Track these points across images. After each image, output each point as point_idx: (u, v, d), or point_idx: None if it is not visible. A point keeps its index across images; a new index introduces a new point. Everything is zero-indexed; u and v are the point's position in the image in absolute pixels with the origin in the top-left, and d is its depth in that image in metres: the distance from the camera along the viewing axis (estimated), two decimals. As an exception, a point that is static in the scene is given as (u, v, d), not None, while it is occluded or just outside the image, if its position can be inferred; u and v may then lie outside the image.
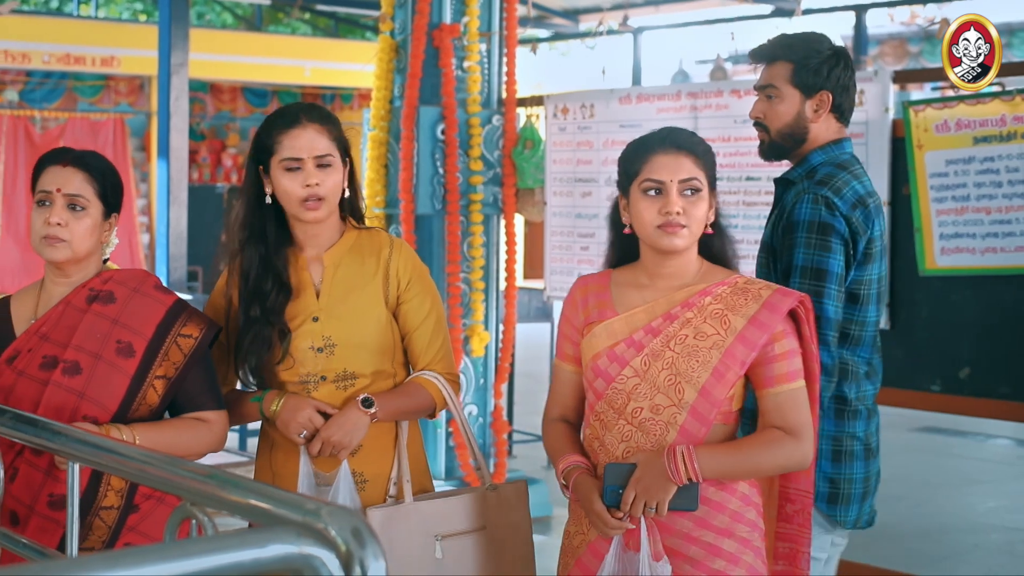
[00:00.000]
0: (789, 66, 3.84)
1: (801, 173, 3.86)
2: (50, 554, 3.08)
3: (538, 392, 10.46)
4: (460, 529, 3.59)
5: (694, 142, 3.30)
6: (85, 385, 3.33)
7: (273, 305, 3.57)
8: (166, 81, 10.33)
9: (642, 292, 3.31)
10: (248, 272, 3.61)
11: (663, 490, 3.11)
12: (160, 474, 2.53)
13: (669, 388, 3.19)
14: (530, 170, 7.73)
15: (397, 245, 3.67)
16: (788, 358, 3.16)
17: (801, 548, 3.33)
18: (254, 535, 1.67)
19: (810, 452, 3.19)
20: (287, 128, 3.52)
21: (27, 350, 3.35)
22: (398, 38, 7.73)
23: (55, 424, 2.97)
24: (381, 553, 1.69)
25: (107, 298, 3.42)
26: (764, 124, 3.87)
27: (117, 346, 3.38)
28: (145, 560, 1.57)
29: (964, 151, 5.42)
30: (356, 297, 3.60)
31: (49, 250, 3.37)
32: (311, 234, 3.63)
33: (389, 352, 3.63)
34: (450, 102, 7.56)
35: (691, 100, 6.83)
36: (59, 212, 3.36)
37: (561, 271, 7.74)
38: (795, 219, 3.74)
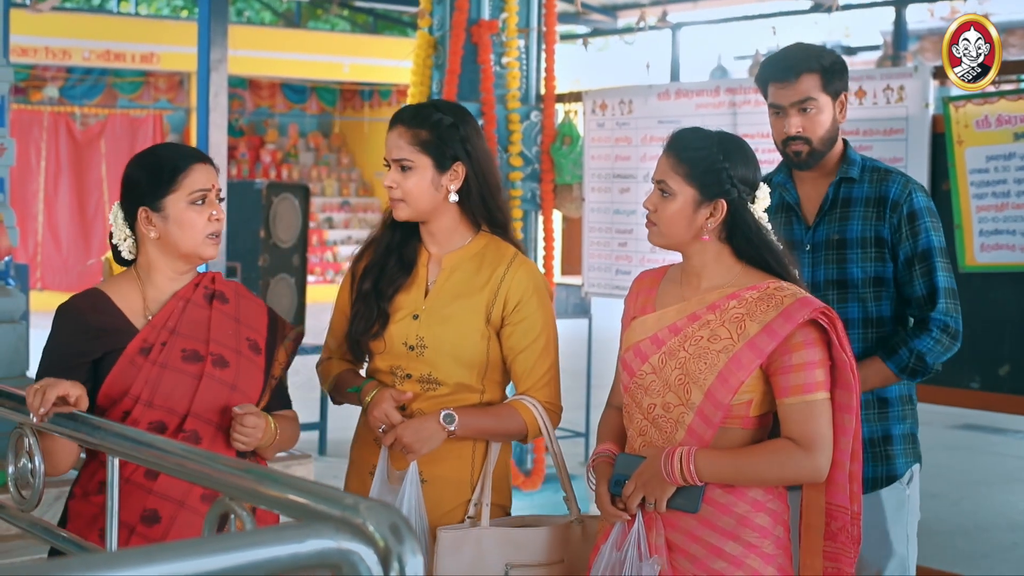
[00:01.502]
0: (817, 76, 3.91)
1: (857, 171, 3.97)
2: (90, 548, 3.09)
3: (576, 389, 10.45)
4: (534, 560, 3.52)
5: (683, 146, 3.27)
6: (235, 378, 3.37)
7: (386, 287, 3.61)
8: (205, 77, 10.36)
9: (680, 290, 3.33)
10: (378, 248, 3.68)
11: (661, 488, 3.15)
12: (199, 469, 2.54)
13: (679, 388, 3.20)
14: (568, 166, 7.73)
15: (517, 264, 3.60)
16: (806, 370, 3.12)
17: (844, 568, 3.26)
18: (292, 530, 1.68)
19: (824, 465, 3.14)
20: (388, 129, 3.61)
21: (159, 343, 3.34)
22: (436, 34, 7.74)
23: (94, 419, 2.99)
24: (419, 549, 1.69)
25: (221, 297, 3.46)
26: (804, 136, 3.91)
27: (248, 343, 3.44)
28: (183, 555, 1.58)
29: (1005, 147, 5.38)
30: (459, 305, 3.58)
31: (212, 248, 3.40)
32: (429, 232, 3.64)
33: (479, 368, 3.58)
34: (488, 98, 7.57)
35: (730, 96, 6.81)
36: (219, 207, 3.40)
37: (599, 267, 7.73)
38: (917, 207, 3.87)
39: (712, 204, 3.21)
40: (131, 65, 18.66)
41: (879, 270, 3.89)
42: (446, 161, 3.53)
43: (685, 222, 3.23)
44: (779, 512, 3.21)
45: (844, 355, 3.15)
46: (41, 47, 17.60)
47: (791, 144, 3.93)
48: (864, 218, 3.90)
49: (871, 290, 3.89)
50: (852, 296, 3.90)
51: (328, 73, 20.42)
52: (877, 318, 3.91)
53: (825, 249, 3.94)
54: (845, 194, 3.96)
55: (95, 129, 18.97)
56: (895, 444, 3.96)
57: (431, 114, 3.56)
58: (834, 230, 3.94)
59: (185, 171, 3.36)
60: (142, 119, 19.25)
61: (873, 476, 3.90)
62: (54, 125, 18.73)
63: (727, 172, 3.21)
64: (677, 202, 3.22)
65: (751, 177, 3.25)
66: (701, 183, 3.21)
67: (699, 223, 3.22)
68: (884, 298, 3.91)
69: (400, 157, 3.53)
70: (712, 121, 6.65)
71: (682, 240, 3.26)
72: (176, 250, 3.37)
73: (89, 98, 19.24)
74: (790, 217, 4.02)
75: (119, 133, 18.97)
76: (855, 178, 3.95)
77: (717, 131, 3.32)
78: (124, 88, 19.49)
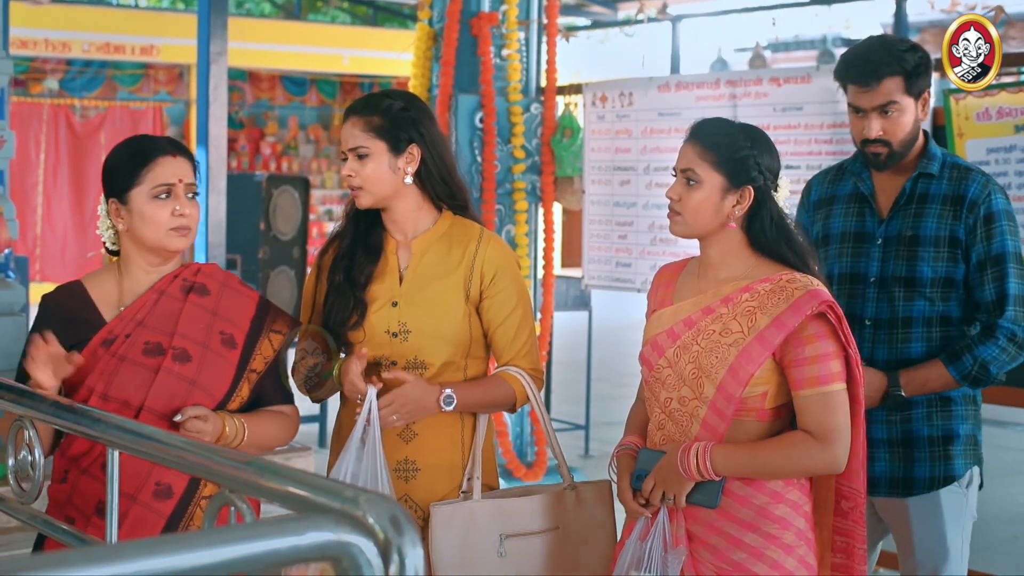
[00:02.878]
0: (900, 79, 3.83)
1: (937, 167, 3.90)
2: (90, 541, 3.09)
3: (576, 381, 10.46)
4: (530, 529, 3.57)
5: (709, 133, 3.31)
6: (196, 373, 3.35)
7: (357, 274, 3.65)
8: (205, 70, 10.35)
9: (697, 282, 3.35)
10: (343, 241, 3.73)
11: (679, 483, 3.18)
12: (199, 461, 2.53)
13: (692, 381, 3.22)
14: (569, 158, 7.73)
15: (486, 239, 3.69)
16: (821, 362, 3.14)
17: (856, 543, 3.32)
18: (292, 523, 1.67)
19: (841, 456, 3.17)
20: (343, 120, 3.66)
21: (123, 335, 3.34)
22: (436, 26, 7.73)
23: (94, 411, 2.98)
24: (419, 541, 1.69)
25: (201, 290, 3.44)
26: (885, 140, 3.85)
27: (221, 337, 3.41)
28: (183, 547, 1.58)
29: (1005, 139, 5.38)
30: (436, 286, 3.63)
31: (178, 241, 3.38)
32: (393, 219, 3.69)
33: (463, 345, 3.64)
34: (488, 90, 7.56)
35: (730, 88, 6.80)
36: (185, 202, 3.37)
37: (599, 260, 7.73)
38: (995, 209, 3.81)
39: (740, 192, 3.24)
40: (131, 57, 18.64)
41: (950, 271, 3.83)
42: (400, 144, 3.61)
43: (712, 210, 3.25)
44: (799, 503, 3.23)
45: (849, 350, 3.17)
46: (41, 39, 17.58)
47: (871, 146, 3.88)
48: (940, 216, 3.84)
49: (939, 290, 3.84)
50: (919, 295, 3.84)
51: (328, 65, 20.40)
52: (943, 318, 3.85)
53: (897, 244, 3.88)
54: (923, 190, 3.89)
55: (95, 121, 18.95)
56: (956, 444, 3.91)
57: (381, 101, 3.64)
58: (908, 226, 3.88)
59: (148, 164, 3.36)
60: (142, 111, 19.23)
61: (931, 476, 3.89)
62: (54, 118, 18.72)
63: (755, 159, 3.24)
64: (704, 190, 3.24)
65: (776, 166, 3.30)
66: (729, 170, 3.24)
67: (726, 211, 3.24)
68: (952, 299, 3.85)
69: (355, 145, 3.61)
70: (712, 113, 6.65)
71: (707, 229, 3.27)
72: (143, 243, 3.38)
73: (89, 90, 19.21)
74: (863, 208, 3.98)
75: (119, 125, 18.94)
76: (934, 174, 3.88)
77: (738, 122, 3.37)
78: (124, 80, 19.47)
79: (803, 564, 3.21)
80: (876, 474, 3.89)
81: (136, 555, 1.52)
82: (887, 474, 3.90)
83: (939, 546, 3.91)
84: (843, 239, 3.99)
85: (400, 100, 3.65)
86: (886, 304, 3.87)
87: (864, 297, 3.91)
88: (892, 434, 3.88)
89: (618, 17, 15.33)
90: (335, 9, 24.02)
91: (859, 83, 3.86)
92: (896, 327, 3.86)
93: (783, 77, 6.59)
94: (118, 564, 1.50)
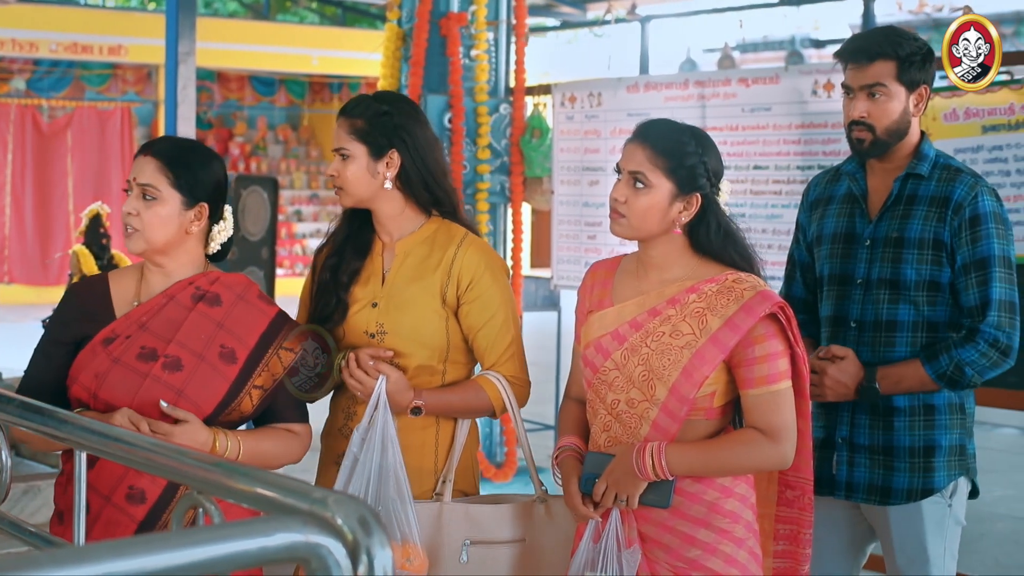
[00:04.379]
0: (893, 63, 3.79)
1: (927, 168, 3.85)
2: (57, 543, 3.08)
3: (545, 381, 10.45)
4: (496, 538, 3.54)
5: (660, 138, 3.26)
6: (185, 383, 3.31)
7: (343, 276, 3.65)
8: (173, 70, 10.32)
9: (637, 282, 3.34)
10: (336, 239, 3.74)
11: (633, 484, 3.18)
12: (166, 463, 2.52)
13: (643, 383, 3.22)
14: (538, 159, 7.74)
15: (467, 244, 3.65)
16: (770, 361, 3.17)
17: (803, 529, 3.38)
18: (260, 524, 1.67)
19: (789, 453, 3.21)
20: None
21: (125, 336, 3.32)
22: (405, 27, 7.73)
23: (61, 412, 2.97)
24: (388, 542, 1.69)
25: (213, 300, 3.40)
26: (868, 123, 3.81)
27: (221, 350, 3.37)
28: (151, 549, 1.57)
29: (973, 140, 5.41)
30: (415, 289, 3.63)
31: (127, 239, 3.37)
32: (379, 221, 3.70)
33: (440, 349, 3.63)
34: (457, 91, 7.57)
35: (699, 89, 6.82)
36: (134, 201, 3.33)
37: (568, 260, 7.74)
38: (981, 211, 3.75)
39: (688, 198, 3.22)
40: (99, 57, 18.58)
41: (934, 274, 3.77)
42: (380, 149, 3.60)
43: (660, 216, 3.23)
44: (746, 496, 3.27)
45: (798, 349, 3.23)
46: (8, 39, 17.52)
47: (854, 130, 3.83)
48: (925, 218, 3.78)
49: (924, 294, 3.78)
50: (904, 298, 3.79)
51: (297, 66, 20.38)
52: (929, 323, 3.79)
53: (883, 246, 3.83)
54: (911, 191, 3.84)
55: (61, 122, 18.88)
56: (938, 456, 3.82)
57: (368, 104, 3.65)
58: (894, 227, 3.83)
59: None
60: (110, 112, 19.17)
61: (909, 487, 3.82)
62: (21, 118, 18.63)
63: (704, 165, 3.22)
64: (653, 195, 3.22)
65: (720, 169, 3.28)
66: (680, 177, 3.21)
67: (672, 217, 3.23)
68: (939, 303, 3.79)
69: (339, 146, 3.62)
70: (681, 114, 6.67)
71: (652, 233, 3.26)
72: None
73: (56, 90, 19.14)
74: (853, 209, 3.94)
75: (86, 126, 18.88)
76: (923, 175, 3.82)
77: (684, 123, 3.33)
78: (92, 80, 19.40)
79: (753, 556, 3.25)
80: (856, 480, 3.87)
81: (103, 557, 1.52)
82: (866, 481, 3.86)
83: (920, 555, 3.88)
84: (834, 240, 3.96)
85: (386, 104, 3.64)
86: (871, 306, 3.84)
87: (851, 299, 3.88)
88: (874, 441, 3.84)
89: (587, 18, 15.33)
90: (304, 9, 23.99)
91: (852, 60, 3.84)
92: (880, 330, 3.82)
93: (752, 78, 6.61)
94: (85, 566, 1.50)
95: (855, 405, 3.85)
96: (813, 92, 6.23)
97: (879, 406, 3.83)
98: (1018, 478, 9.56)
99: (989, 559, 7.30)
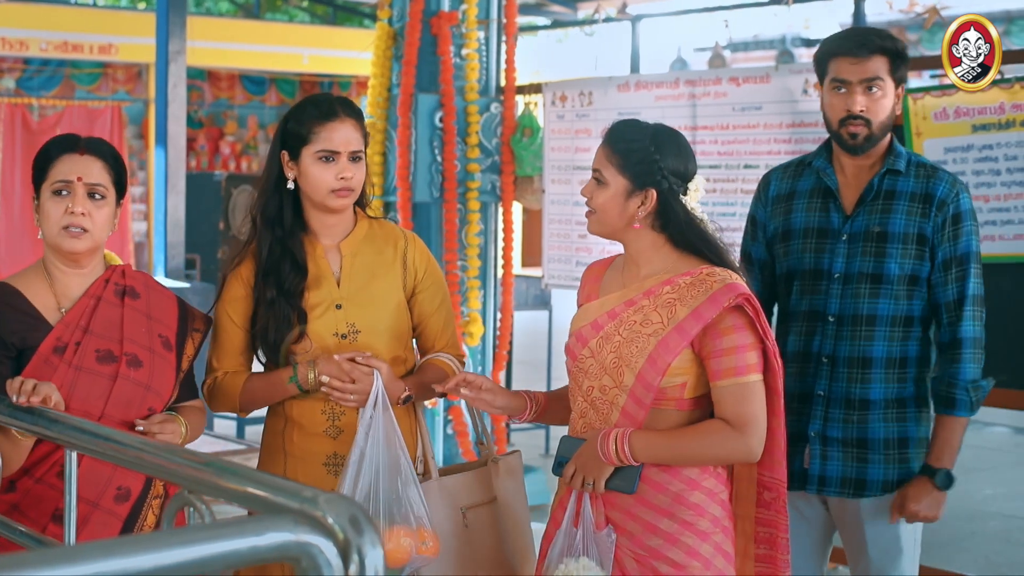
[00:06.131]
0: (888, 59, 3.85)
1: (903, 164, 3.90)
2: (47, 542, 3.08)
3: (536, 380, 10.45)
4: (479, 500, 3.72)
5: (617, 137, 3.41)
6: (149, 377, 3.35)
7: (290, 287, 3.63)
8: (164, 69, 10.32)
9: (622, 277, 3.44)
10: (262, 253, 3.67)
11: (599, 468, 3.27)
12: (157, 462, 2.53)
13: (613, 370, 3.30)
14: (528, 158, 7.73)
15: (411, 237, 3.83)
16: (737, 353, 3.21)
17: (780, 533, 3.39)
18: (251, 523, 1.67)
19: (756, 445, 3.24)
20: (325, 120, 3.63)
21: (73, 343, 3.30)
22: (396, 26, 7.72)
23: (51, 412, 2.97)
24: (379, 541, 1.69)
25: (132, 293, 3.42)
26: (866, 117, 3.83)
27: (160, 340, 3.42)
28: (142, 548, 1.57)
29: (963, 139, 5.41)
30: (377, 285, 3.71)
31: (71, 241, 3.32)
32: (329, 224, 3.72)
33: (404, 338, 3.77)
34: (448, 90, 7.56)
35: (689, 88, 6.82)
36: (82, 201, 3.31)
37: (559, 259, 7.73)
38: (963, 209, 3.84)
39: (643, 193, 3.32)
40: (89, 56, 18.52)
41: (916, 268, 3.84)
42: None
43: (618, 210, 3.35)
44: (715, 491, 3.31)
45: (767, 342, 3.25)
46: (-3, 38, 17.48)
47: (850, 124, 3.84)
48: (908, 213, 3.84)
49: (905, 288, 3.84)
50: (885, 292, 3.84)
51: (287, 64, 20.34)
52: (907, 318, 3.86)
53: (863, 241, 3.88)
54: (889, 186, 3.89)
55: (51, 120, 18.82)
56: (911, 447, 3.91)
57: (358, 106, 3.77)
58: (875, 222, 3.87)
59: (54, 160, 3.35)
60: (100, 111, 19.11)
61: (884, 479, 3.89)
62: (10, 117, 18.57)
63: (658, 164, 3.31)
64: (610, 191, 3.36)
65: (682, 169, 3.35)
66: (633, 173, 3.33)
67: (631, 212, 3.34)
68: (916, 297, 3.86)
69: (357, 149, 3.67)
70: (671, 113, 6.68)
71: (616, 228, 3.39)
72: (47, 242, 3.35)
73: (47, 89, 19.08)
74: (827, 203, 3.96)
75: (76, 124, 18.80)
76: (901, 171, 3.87)
77: (654, 124, 3.43)
78: (82, 79, 19.35)
79: (719, 551, 3.28)
80: (828, 474, 3.92)
81: (95, 556, 1.52)
82: (839, 474, 3.91)
83: (893, 546, 3.94)
84: (806, 235, 3.98)
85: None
86: (851, 300, 3.87)
87: (828, 293, 3.91)
88: (848, 434, 3.88)
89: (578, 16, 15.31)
90: (294, 8, 23.96)
91: (850, 54, 3.84)
92: (860, 324, 3.86)
93: (742, 77, 6.60)
94: (76, 565, 1.50)
95: (828, 399, 3.89)
96: (804, 91, 6.24)
97: (853, 400, 3.88)
98: (1009, 476, 9.58)
99: (980, 557, 7.32)
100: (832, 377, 3.89)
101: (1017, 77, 5.23)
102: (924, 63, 7.71)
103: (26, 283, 3.39)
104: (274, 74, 21.17)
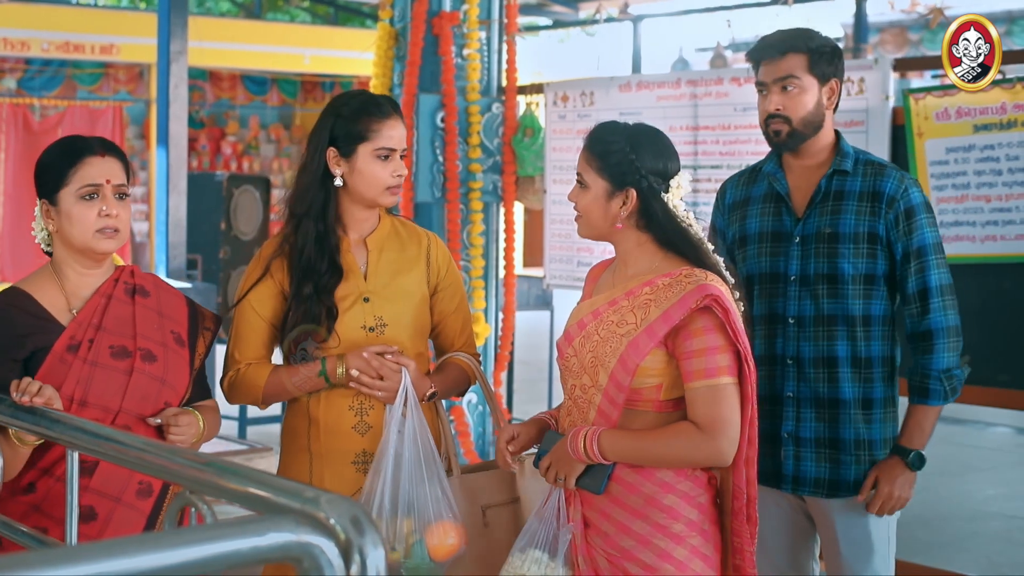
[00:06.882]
0: (804, 56, 3.91)
1: (850, 164, 3.94)
2: (48, 543, 3.08)
3: (538, 380, 10.46)
4: (500, 500, 3.75)
5: (596, 140, 3.44)
6: (164, 372, 3.38)
7: (326, 284, 3.66)
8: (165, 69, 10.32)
9: (612, 278, 3.47)
10: (303, 248, 3.70)
11: (570, 465, 3.31)
12: (159, 462, 2.53)
13: (591, 369, 3.31)
14: (530, 158, 7.73)
15: (433, 237, 3.90)
16: (708, 355, 3.20)
17: (745, 546, 3.34)
18: (253, 524, 1.67)
19: (725, 448, 3.21)
20: (383, 118, 3.70)
21: (87, 340, 3.32)
22: (397, 26, 7.72)
23: (52, 412, 2.97)
24: (380, 541, 1.69)
25: (142, 291, 3.46)
26: (784, 115, 3.91)
27: (173, 336, 3.45)
28: (143, 548, 1.57)
29: (964, 139, 5.41)
30: (403, 280, 3.76)
31: (106, 242, 3.35)
32: (361, 219, 3.77)
33: (426, 334, 3.85)
34: (450, 90, 7.55)
35: (691, 88, 6.82)
36: (114, 203, 3.35)
37: (561, 259, 7.73)
38: (914, 203, 3.86)
39: (623, 194, 3.34)
40: (90, 56, 18.53)
41: (870, 267, 3.87)
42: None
43: (601, 212, 3.39)
44: (691, 494, 3.29)
45: (739, 345, 3.23)
46: (-1, 38, 17.48)
47: (772, 123, 3.94)
48: (857, 213, 3.88)
49: (861, 287, 3.87)
50: (842, 292, 3.87)
51: (289, 65, 20.35)
52: (866, 316, 3.89)
53: (816, 242, 3.92)
54: (838, 187, 3.93)
55: (52, 120, 18.83)
56: (877, 449, 3.93)
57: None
58: (825, 223, 3.92)
59: (76, 165, 3.35)
60: (102, 111, 19.13)
61: (855, 479, 3.92)
62: (12, 117, 18.59)
63: (635, 163, 3.33)
64: (591, 193, 3.40)
65: (661, 167, 3.37)
66: (610, 174, 3.36)
67: (613, 212, 3.37)
68: (874, 297, 3.89)
69: (406, 147, 3.76)
70: (673, 113, 6.68)
71: (602, 230, 3.42)
72: (72, 245, 3.36)
73: (48, 89, 19.10)
74: (779, 207, 4.01)
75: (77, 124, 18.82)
76: (848, 171, 3.92)
77: (633, 124, 3.48)
78: (84, 80, 19.36)
79: (697, 554, 3.26)
80: (802, 474, 3.96)
81: (95, 556, 1.52)
82: (812, 474, 3.94)
83: (864, 544, 3.96)
84: (761, 239, 4.04)
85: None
86: (809, 302, 3.91)
87: (786, 296, 3.95)
88: (820, 434, 3.92)
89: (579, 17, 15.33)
90: (296, 8, 23.97)
91: (765, 56, 3.95)
92: (821, 324, 3.91)
93: (744, 77, 6.60)
94: (77, 565, 1.50)
95: (798, 400, 3.93)
96: (805, 91, 6.23)
97: (823, 400, 3.91)
98: (1009, 476, 9.58)
99: (981, 557, 7.31)
100: (800, 378, 3.93)
101: (1019, 77, 5.23)
102: (924, 63, 7.72)
103: (36, 286, 3.42)
104: (275, 74, 21.19)
